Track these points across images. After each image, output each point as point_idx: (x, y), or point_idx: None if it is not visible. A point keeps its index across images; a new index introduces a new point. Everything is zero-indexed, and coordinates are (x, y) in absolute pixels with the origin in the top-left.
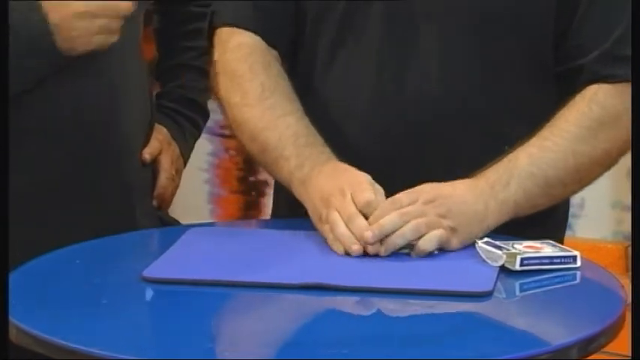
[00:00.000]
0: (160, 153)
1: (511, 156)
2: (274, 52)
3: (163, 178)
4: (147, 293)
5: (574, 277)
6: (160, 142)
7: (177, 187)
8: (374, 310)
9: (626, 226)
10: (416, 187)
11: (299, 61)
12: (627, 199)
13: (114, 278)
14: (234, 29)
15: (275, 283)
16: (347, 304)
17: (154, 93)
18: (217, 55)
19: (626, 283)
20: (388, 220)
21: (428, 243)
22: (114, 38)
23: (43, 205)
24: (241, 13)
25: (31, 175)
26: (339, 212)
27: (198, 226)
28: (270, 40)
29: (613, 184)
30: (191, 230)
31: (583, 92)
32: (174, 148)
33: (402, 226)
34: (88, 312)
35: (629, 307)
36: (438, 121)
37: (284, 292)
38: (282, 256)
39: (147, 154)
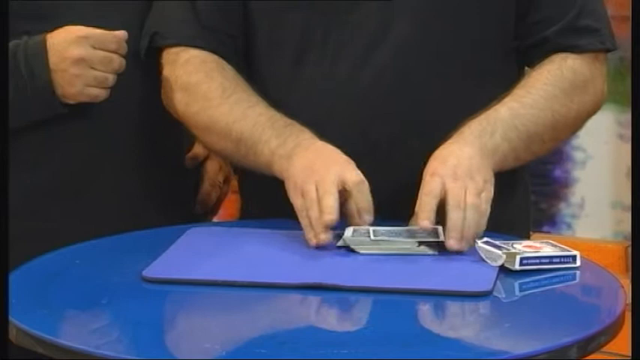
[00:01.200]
0: (206, 159)
1: (491, 110)
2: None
3: (207, 185)
4: (147, 293)
5: (573, 277)
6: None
7: (225, 194)
8: (374, 310)
9: (626, 226)
10: (428, 169)
11: (253, 76)
12: (627, 199)
13: (114, 278)
14: (182, 47)
15: (275, 283)
16: (347, 304)
17: None
18: (167, 72)
19: (626, 283)
20: (456, 218)
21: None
22: (106, 93)
23: (73, 201)
24: (186, 32)
25: (65, 171)
26: (316, 187)
27: (198, 226)
28: (218, 54)
29: (613, 184)
30: (191, 230)
31: (552, 57)
32: None
33: (464, 214)
34: (88, 312)
35: (629, 307)
36: (416, 113)
37: (284, 292)
38: (283, 256)
39: (189, 158)
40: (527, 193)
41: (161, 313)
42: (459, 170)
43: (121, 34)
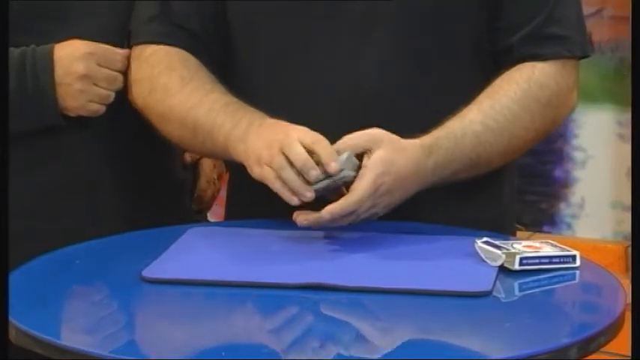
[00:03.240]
0: (201, 157)
1: (458, 130)
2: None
3: (203, 181)
4: (147, 293)
5: (573, 277)
6: None
7: (218, 190)
8: (373, 310)
9: (626, 226)
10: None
11: (234, 82)
12: (627, 199)
13: (114, 278)
14: (148, 45)
15: (275, 283)
16: (346, 303)
17: None
18: (132, 66)
19: (626, 283)
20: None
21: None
22: (104, 109)
23: (71, 199)
24: (154, 29)
25: (77, 169)
26: (284, 154)
27: (198, 226)
28: (188, 52)
29: (613, 184)
30: (191, 230)
31: (521, 66)
32: None
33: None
34: (88, 312)
35: (629, 307)
36: (386, 115)
37: (284, 292)
38: (282, 256)
39: (188, 156)
40: (513, 191)
41: (161, 313)
42: (391, 189)
43: (126, 52)
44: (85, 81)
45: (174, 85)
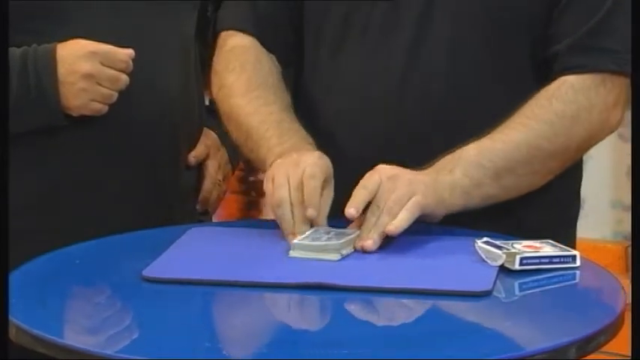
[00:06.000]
0: (207, 157)
1: (461, 148)
2: (270, 55)
3: (208, 183)
4: (147, 293)
5: (573, 277)
6: (207, 147)
7: (224, 192)
8: (373, 310)
9: (626, 226)
10: (373, 171)
11: (300, 69)
12: (627, 199)
13: (114, 278)
14: (232, 32)
15: (275, 282)
16: (347, 303)
17: (208, 98)
18: (215, 56)
19: (626, 283)
20: (370, 215)
21: (404, 221)
22: (106, 108)
23: (75, 199)
24: (240, 17)
25: (67, 170)
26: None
27: (198, 226)
28: (266, 43)
29: (613, 184)
30: (191, 230)
31: (548, 86)
32: (223, 154)
33: (381, 210)
34: (88, 311)
35: (629, 307)
36: (442, 119)
37: (284, 292)
38: (283, 256)
39: (192, 157)
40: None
41: (161, 312)
42: (403, 176)
43: (130, 52)
44: (88, 80)
45: (239, 88)
